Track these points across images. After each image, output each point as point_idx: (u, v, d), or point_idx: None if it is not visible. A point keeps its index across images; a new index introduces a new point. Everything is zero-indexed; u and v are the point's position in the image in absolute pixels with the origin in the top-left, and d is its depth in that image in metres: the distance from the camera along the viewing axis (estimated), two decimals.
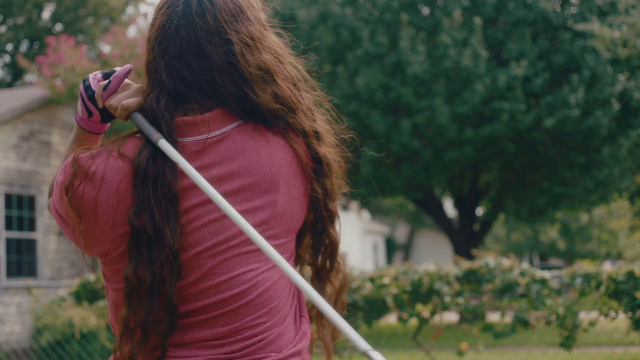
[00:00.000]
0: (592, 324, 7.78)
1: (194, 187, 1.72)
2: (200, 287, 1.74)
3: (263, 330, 1.76)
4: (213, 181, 1.72)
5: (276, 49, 1.82)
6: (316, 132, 1.85)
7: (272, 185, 1.75)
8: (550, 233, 38.31)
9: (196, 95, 1.77)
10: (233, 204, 1.70)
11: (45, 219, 15.17)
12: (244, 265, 1.75)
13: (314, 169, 1.83)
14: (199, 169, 1.72)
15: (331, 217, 1.90)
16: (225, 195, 1.71)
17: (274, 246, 1.75)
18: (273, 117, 1.78)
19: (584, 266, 8.08)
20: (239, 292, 1.74)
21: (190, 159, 1.72)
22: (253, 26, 1.80)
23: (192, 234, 1.73)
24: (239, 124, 1.77)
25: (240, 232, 1.74)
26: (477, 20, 17.59)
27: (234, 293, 1.74)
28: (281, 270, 1.72)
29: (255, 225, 1.73)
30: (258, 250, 1.75)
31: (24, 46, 34.28)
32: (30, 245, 14.99)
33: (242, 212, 1.72)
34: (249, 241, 1.74)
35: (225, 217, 1.73)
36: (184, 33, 1.76)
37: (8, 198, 14.61)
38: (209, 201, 1.72)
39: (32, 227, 15.07)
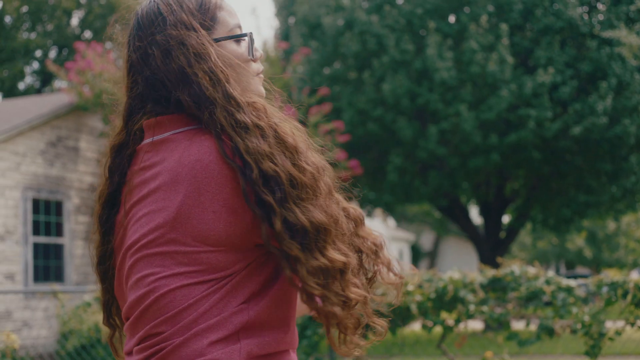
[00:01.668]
0: (618, 333, 7.72)
1: (140, 185, 1.80)
2: (127, 287, 1.80)
3: (161, 340, 1.70)
4: (145, 181, 1.78)
5: (196, 47, 1.81)
6: (237, 123, 1.73)
7: (177, 186, 1.71)
8: (577, 241, 38.05)
9: (158, 108, 1.85)
10: (147, 204, 1.76)
11: (72, 224, 15.29)
12: (148, 267, 1.74)
13: (240, 164, 1.70)
14: (141, 169, 1.81)
15: (267, 212, 1.68)
16: (148, 194, 1.76)
17: (177, 252, 1.71)
18: (201, 116, 1.77)
19: (611, 275, 8.01)
20: (141, 295, 1.74)
21: (140, 159, 1.83)
22: (168, 31, 1.82)
23: (128, 232, 1.81)
24: (190, 128, 1.79)
25: (150, 232, 1.73)
26: (504, 26, 17.54)
27: (138, 296, 1.74)
28: (191, 279, 1.70)
29: (159, 226, 1.72)
30: (163, 254, 1.72)
31: (52, 53, 34.59)
32: (58, 250, 15.11)
33: (150, 212, 1.74)
34: (155, 242, 1.73)
35: (146, 214, 1.75)
36: (133, 60, 1.88)
37: (36, 203, 14.74)
38: (140, 199, 1.78)
39: (59, 232, 15.19)
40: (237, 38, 1.89)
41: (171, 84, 1.80)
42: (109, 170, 1.90)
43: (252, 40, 1.93)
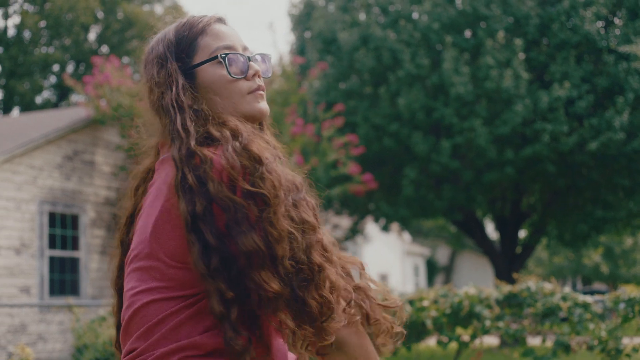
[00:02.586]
0: (635, 349, 7.66)
1: (144, 202, 1.89)
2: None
3: (134, 356, 1.74)
4: (146, 198, 1.88)
5: (161, 82, 1.91)
6: (179, 156, 1.79)
7: (157, 202, 1.80)
8: (594, 257, 37.82)
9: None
10: (141, 219, 1.84)
11: (87, 238, 15.33)
12: (131, 280, 1.80)
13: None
14: (148, 187, 1.92)
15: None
16: (144, 210, 1.86)
17: (151, 267, 1.76)
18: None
19: (628, 291, 7.92)
20: (124, 309, 1.81)
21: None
22: (148, 68, 1.96)
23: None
24: None
25: (136, 246, 1.81)
26: (518, 42, 17.50)
27: (124, 309, 1.81)
28: (161, 294, 1.73)
29: (142, 241, 1.79)
30: (142, 268, 1.77)
31: (70, 67, 34.81)
32: (73, 263, 15.14)
33: (140, 227, 1.82)
34: (138, 256, 1.79)
35: (138, 229, 1.83)
36: None
37: (52, 217, 14.79)
38: (140, 215, 1.86)
39: (75, 245, 15.23)
40: (213, 61, 1.92)
41: (159, 116, 1.92)
42: (134, 191, 2.03)
43: (243, 59, 1.93)
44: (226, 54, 1.91)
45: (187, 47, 1.93)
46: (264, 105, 1.94)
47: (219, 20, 1.99)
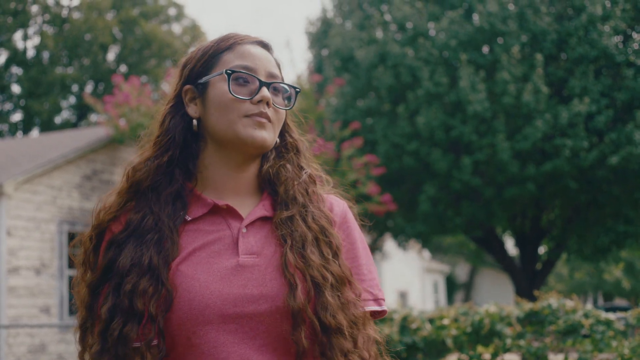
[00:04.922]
0: None
1: None
2: None
3: None
4: None
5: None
6: None
7: None
8: (615, 272, 37.55)
9: None
10: None
11: None
12: None
13: None
14: None
15: None
16: None
17: None
18: None
19: None
20: None
21: None
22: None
23: None
24: None
25: None
26: (539, 57, 17.45)
27: None
28: None
29: None
30: None
31: (89, 87, 35.02)
32: None
33: None
34: None
35: None
36: None
37: (71, 236, 14.83)
38: None
39: None
40: (219, 76, 1.85)
41: None
42: None
43: (257, 82, 1.84)
44: (232, 71, 1.82)
45: (209, 60, 1.89)
46: (259, 134, 1.82)
47: (256, 42, 1.91)
